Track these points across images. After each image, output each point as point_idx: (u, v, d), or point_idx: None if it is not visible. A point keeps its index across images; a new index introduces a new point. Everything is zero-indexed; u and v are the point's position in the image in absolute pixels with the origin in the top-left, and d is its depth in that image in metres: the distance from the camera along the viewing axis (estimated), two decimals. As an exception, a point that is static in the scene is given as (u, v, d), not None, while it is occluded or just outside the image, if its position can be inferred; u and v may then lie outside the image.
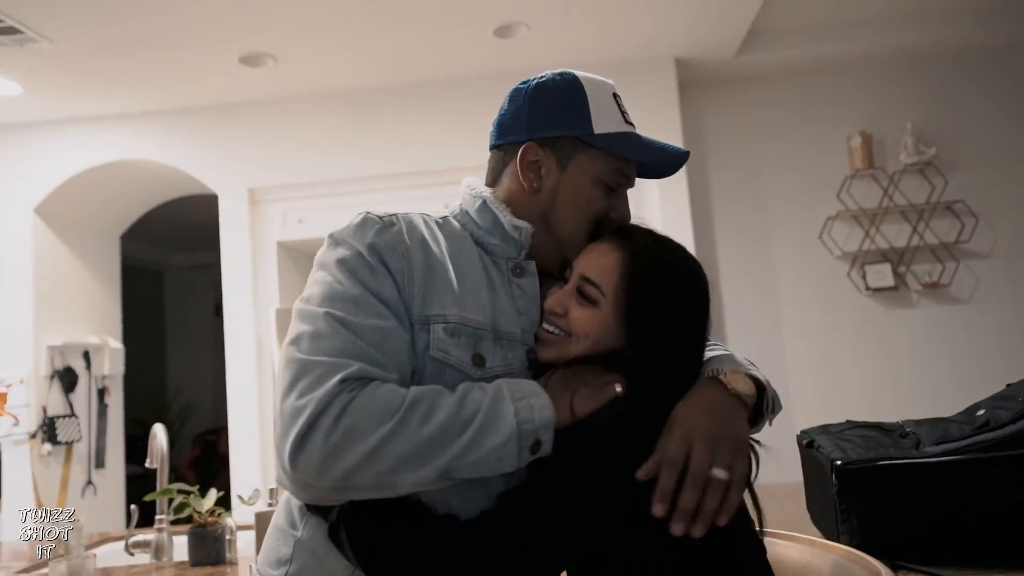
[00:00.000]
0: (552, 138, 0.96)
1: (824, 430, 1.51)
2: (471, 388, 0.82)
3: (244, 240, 3.69)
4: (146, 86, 3.49)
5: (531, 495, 0.81)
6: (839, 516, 1.27)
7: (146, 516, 1.78)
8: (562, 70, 1.00)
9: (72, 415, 3.80)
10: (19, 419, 3.57)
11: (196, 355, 6.51)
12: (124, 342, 4.26)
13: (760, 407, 0.92)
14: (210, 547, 1.62)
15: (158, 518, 1.73)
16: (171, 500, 1.67)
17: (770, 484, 1.18)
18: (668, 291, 0.88)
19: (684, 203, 3.46)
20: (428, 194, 3.48)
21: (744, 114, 3.75)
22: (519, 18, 3.08)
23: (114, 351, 4.08)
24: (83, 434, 3.86)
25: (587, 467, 0.80)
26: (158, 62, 3.26)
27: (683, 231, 3.38)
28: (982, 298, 3.54)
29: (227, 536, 1.64)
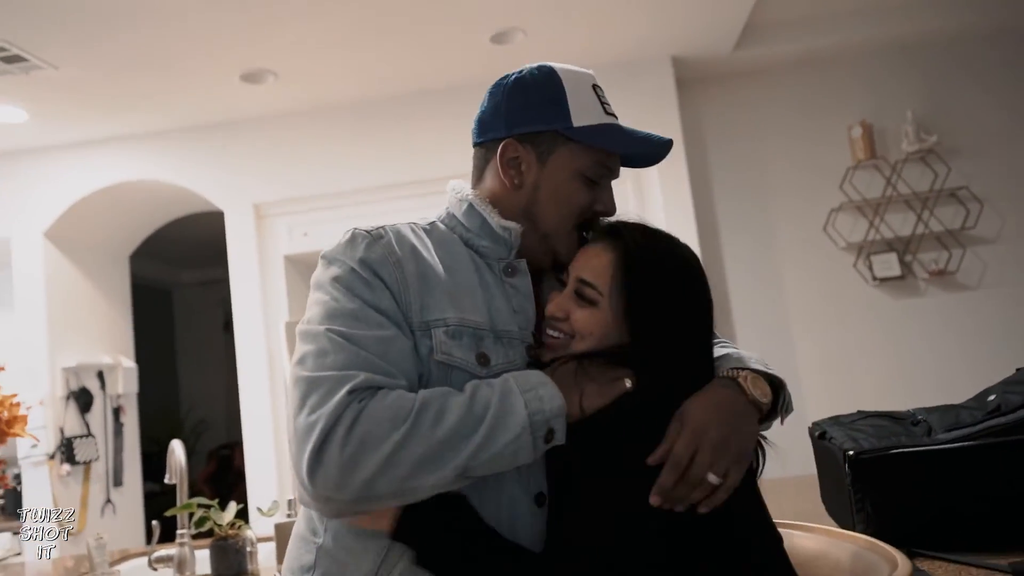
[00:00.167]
0: (531, 133, 0.96)
1: (836, 421, 1.50)
2: (479, 386, 0.83)
3: (251, 255, 3.72)
4: (149, 107, 3.52)
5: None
6: (854, 506, 1.27)
7: (166, 531, 1.80)
8: (540, 63, 1.00)
9: (89, 435, 3.84)
10: (37, 440, 3.60)
11: (207, 371, 6.53)
12: (136, 361, 4.30)
13: (774, 407, 0.93)
14: (232, 559, 1.64)
15: (179, 533, 1.74)
16: (191, 514, 1.69)
17: (783, 477, 1.19)
18: (664, 282, 0.90)
19: (687, 202, 3.46)
20: (431, 202, 3.43)
21: (743, 109, 3.75)
22: (515, 24, 3.10)
23: (127, 370, 4.11)
24: (100, 453, 3.90)
25: (606, 457, 0.82)
26: (160, 83, 3.29)
27: (687, 230, 3.38)
28: (990, 284, 3.53)
29: (248, 548, 1.67)
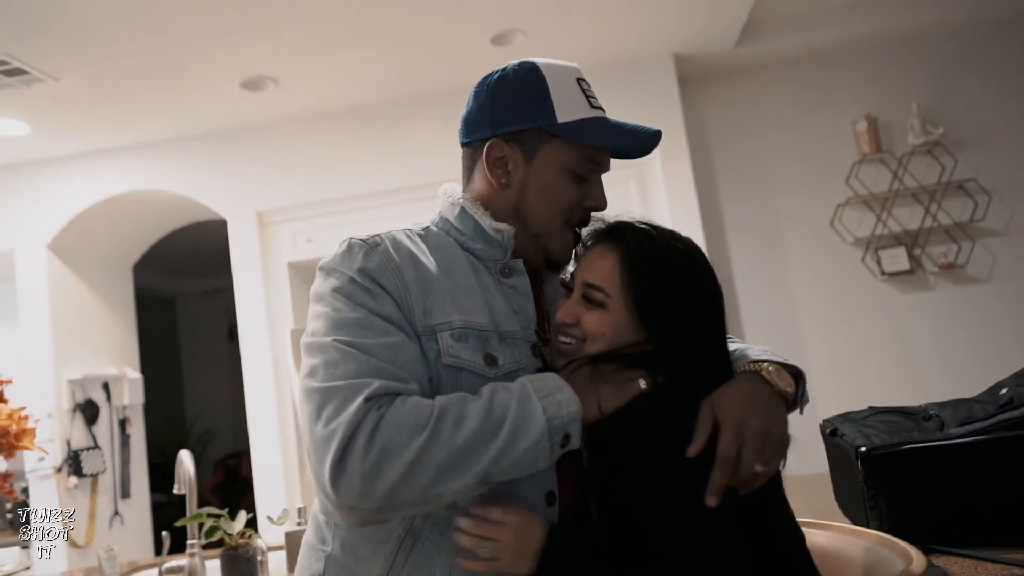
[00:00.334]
0: (517, 132, 0.95)
1: (847, 418, 1.50)
2: (496, 390, 0.83)
3: (255, 263, 3.71)
4: (150, 117, 3.52)
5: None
6: (867, 503, 1.27)
7: (175, 543, 1.78)
8: (523, 59, 0.99)
9: (96, 447, 3.83)
10: (46, 453, 3.59)
11: (212, 380, 6.52)
12: (141, 372, 4.29)
13: (794, 398, 0.93)
14: (243, 569, 1.63)
15: (189, 543, 1.73)
16: (201, 525, 1.68)
17: (795, 475, 1.18)
18: (670, 276, 0.90)
19: (692, 200, 3.44)
20: (435, 206, 3.46)
21: (747, 106, 3.73)
22: (515, 25, 3.09)
23: (133, 381, 4.10)
24: (107, 465, 3.89)
25: (648, 459, 0.82)
26: (161, 93, 3.29)
27: (692, 229, 3.36)
28: (1000, 276, 3.49)
29: (259, 557, 1.66)
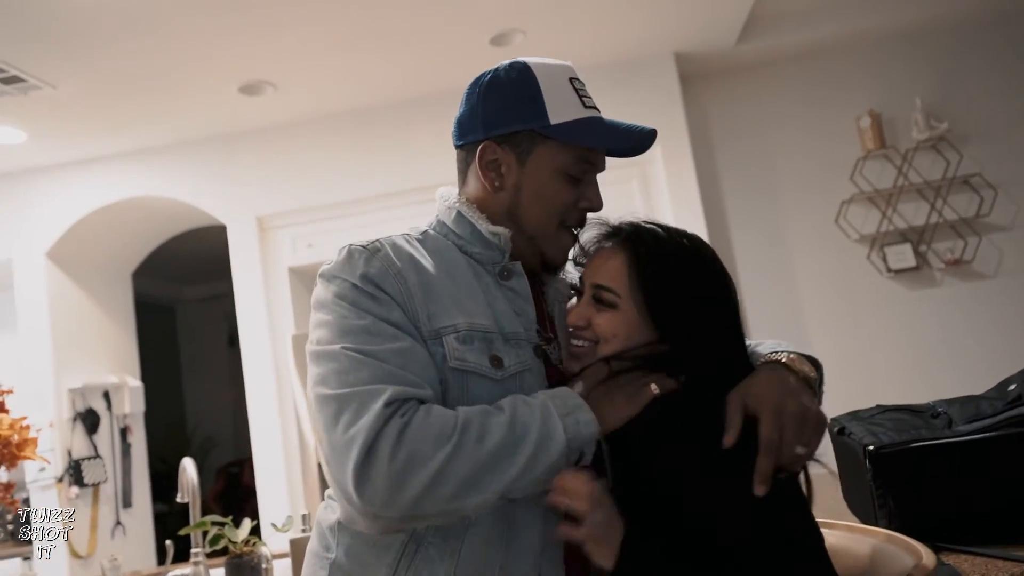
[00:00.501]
0: (509, 134, 0.94)
1: (854, 416, 1.49)
2: (516, 406, 0.82)
3: (255, 268, 3.68)
4: (148, 123, 3.50)
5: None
6: (876, 501, 1.26)
7: (180, 551, 1.77)
8: (514, 59, 0.98)
9: (97, 456, 3.80)
10: (48, 463, 3.57)
11: (213, 388, 6.49)
12: (141, 379, 4.26)
13: (817, 384, 0.95)
14: (246, 578, 1.61)
15: (193, 552, 1.73)
16: (205, 533, 1.67)
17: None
18: (679, 271, 0.90)
19: (695, 199, 3.41)
20: (435, 208, 3.44)
21: (749, 103, 3.70)
22: (515, 25, 3.07)
23: (133, 389, 4.07)
24: (109, 475, 3.86)
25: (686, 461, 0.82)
26: (158, 99, 3.26)
27: (696, 227, 3.32)
28: (1007, 271, 3.46)
29: (263, 565, 1.66)
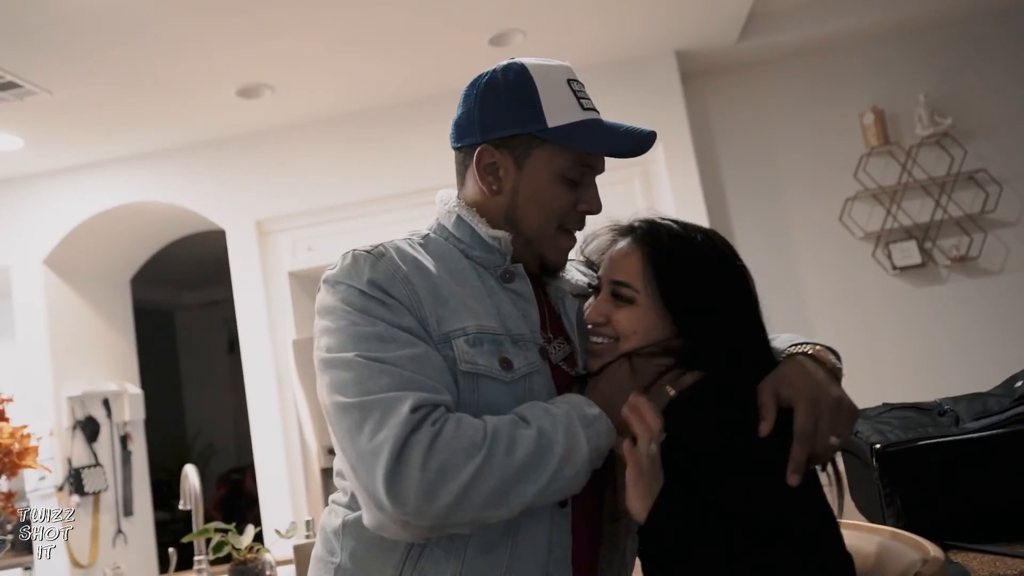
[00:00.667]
0: (507, 137, 0.93)
1: (861, 414, 1.48)
2: (540, 416, 0.82)
3: (255, 273, 3.65)
4: (145, 128, 3.47)
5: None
6: (883, 500, 1.26)
7: (182, 559, 1.75)
8: (511, 60, 0.97)
9: (97, 465, 3.76)
10: (49, 471, 3.54)
11: (213, 394, 6.46)
12: (141, 387, 4.23)
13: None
14: (250, 587, 1.58)
15: (197, 559, 1.72)
16: (208, 540, 1.66)
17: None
18: (695, 267, 0.90)
19: (698, 198, 3.38)
20: (435, 211, 3.42)
21: (751, 101, 3.68)
22: (514, 25, 3.04)
23: (133, 397, 4.04)
24: (109, 483, 3.82)
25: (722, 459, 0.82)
26: (155, 103, 3.24)
27: (699, 226, 3.31)
28: (1013, 267, 3.44)
29: (267, 571, 1.66)
